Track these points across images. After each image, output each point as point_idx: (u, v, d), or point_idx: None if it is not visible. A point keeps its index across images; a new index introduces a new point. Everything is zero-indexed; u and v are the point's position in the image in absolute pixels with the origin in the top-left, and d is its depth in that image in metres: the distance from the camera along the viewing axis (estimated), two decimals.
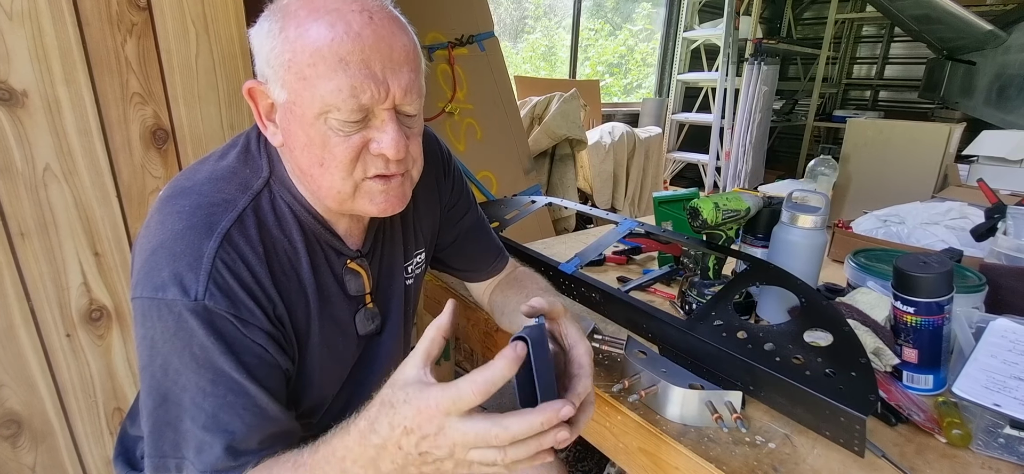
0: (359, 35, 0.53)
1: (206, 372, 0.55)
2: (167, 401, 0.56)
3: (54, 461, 1.05)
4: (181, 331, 0.54)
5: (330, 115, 0.55)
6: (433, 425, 0.45)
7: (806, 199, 0.91)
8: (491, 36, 2.48)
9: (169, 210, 0.58)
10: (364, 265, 0.72)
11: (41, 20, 0.90)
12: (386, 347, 0.78)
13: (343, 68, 0.53)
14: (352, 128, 0.56)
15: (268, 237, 0.61)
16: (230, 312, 0.55)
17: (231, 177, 0.62)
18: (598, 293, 0.94)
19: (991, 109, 3.47)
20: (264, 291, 0.59)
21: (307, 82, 0.54)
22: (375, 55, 0.54)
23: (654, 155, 3.70)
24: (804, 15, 5.65)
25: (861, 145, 2.87)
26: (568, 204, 1.49)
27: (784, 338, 0.70)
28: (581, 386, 0.55)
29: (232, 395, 0.55)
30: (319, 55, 0.53)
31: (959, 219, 1.29)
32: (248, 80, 0.59)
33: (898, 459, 0.63)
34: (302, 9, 0.54)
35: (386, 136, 0.57)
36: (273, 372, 0.60)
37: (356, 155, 0.58)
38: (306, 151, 0.58)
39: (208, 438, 0.55)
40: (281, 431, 0.60)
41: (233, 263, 0.56)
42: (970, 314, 0.80)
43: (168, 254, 0.54)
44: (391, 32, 0.56)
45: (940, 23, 3.49)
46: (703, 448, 0.65)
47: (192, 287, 0.54)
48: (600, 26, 4.76)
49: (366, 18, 0.54)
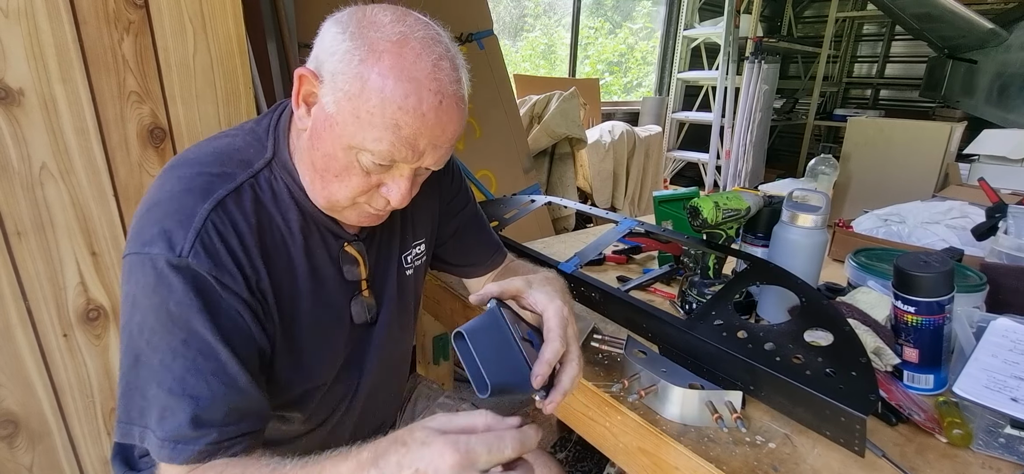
0: (424, 115, 0.57)
1: (179, 331, 0.54)
2: (138, 362, 0.56)
3: (51, 461, 1.05)
4: (161, 286, 0.54)
5: (362, 154, 0.59)
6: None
7: (806, 198, 0.90)
8: (490, 34, 2.47)
9: (170, 176, 0.60)
10: (361, 250, 0.74)
11: (37, 18, 0.90)
12: (380, 337, 0.79)
13: (395, 131, 0.57)
14: (376, 169, 0.60)
15: (263, 212, 0.63)
16: (211, 273, 0.56)
17: (234, 154, 0.64)
18: (598, 292, 0.93)
19: (992, 108, 3.47)
20: (250, 261, 0.60)
21: (359, 121, 0.57)
22: (426, 135, 0.58)
23: (654, 154, 3.70)
24: (805, 13, 5.64)
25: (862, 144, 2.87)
26: (567, 203, 1.48)
27: (784, 338, 0.70)
28: (549, 351, 0.56)
29: (202, 357, 0.55)
30: (380, 110, 0.56)
31: (960, 218, 1.28)
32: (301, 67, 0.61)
33: (898, 459, 0.63)
34: (388, 56, 0.56)
35: (397, 189, 0.63)
36: (247, 342, 0.59)
37: (366, 190, 0.63)
38: (327, 160, 0.61)
39: (172, 403, 0.54)
40: (248, 407, 0.58)
41: (223, 227, 0.58)
42: (971, 313, 0.80)
43: (162, 211, 0.57)
44: (450, 118, 0.60)
45: (941, 21, 3.49)
46: (703, 448, 0.64)
47: (178, 243, 0.55)
48: (600, 24, 4.75)
49: (436, 101, 0.57)
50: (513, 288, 0.63)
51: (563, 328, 0.59)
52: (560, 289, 0.67)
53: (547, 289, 0.63)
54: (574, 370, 0.59)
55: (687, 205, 0.95)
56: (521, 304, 0.64)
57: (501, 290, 0.62)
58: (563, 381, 0.58)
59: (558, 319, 0.59)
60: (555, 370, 0.59)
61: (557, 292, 0.64)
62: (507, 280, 0.64)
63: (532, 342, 0.60)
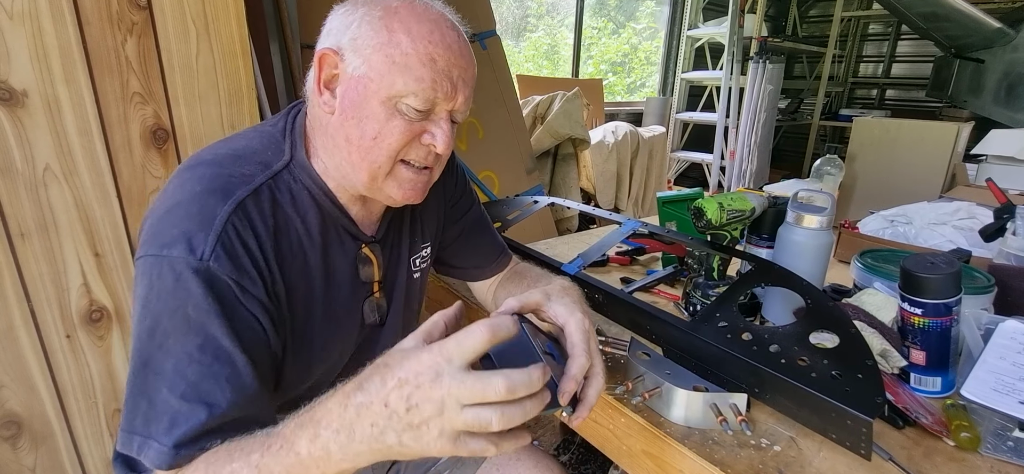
0: (450, 47, 0.62)
1: (195, 336, 0.54)
2: (148, 367, 0.54)
3: (54, 462, 1.05)
4: (179, 290, 0.53)
5: (403, 100, 0.61)
6: (430, 372, 0.42)
7: (812, 199, 0.90)
8: (493, 35, 2.47)
9: (188, 176, 0.60)
10: (376, 252, 0.75)
11: (41, 20, 0.90)
12: (386, 338, 0.79)
13: (431, 65, 0.61)
14: (417, 116, 0.62)
15: (281, 214, 0.63)
16: (232, 277, 0.56)
17: (251, 156, 0.64)
18: (601, 294, 0.93)
19: (1000, 108, 3.45)
20: (268, 264, 0.60)
21: (395, 66, 0.60)
22: (456, 66, 0.63)
23: (658, 155, 3.69)
24: (809, 13, 5.62)
25: (867, 144, 2.85)
26: (571, 204, 1.48)
27: (789, 340, 0.69)
28: (575, 367, 0.55)
29: (218, 363, 0.54)
30: (414, 48, 0.60)
31: (967, 219, 1.27)
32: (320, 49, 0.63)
33: (905, 462, 0.62)
34: (404, 9, 0.61)
35: (441, 132, 0.64)
36: (262, 347, 0.59)
37: (409, 140, 0.64)
38: (363, 124, 0.62)
39: (185, 409, 0.53)
40: (256, 415, 0.57)
41: (243, 230, 0.58)
42: (979, 315, 0.79)
43: (183, 213, 0.56)
44: (470, 55, 0.66)
45: (948, 20, 3.47)
46: (707, 451, 0.64)
47: (199, 246, 0.54)
48: (603, 24, 4.74)
49: (456, 35, 0.64)
50: (533, 301, 0.61)
51: (587, 342, 0.57)
52: (578, 299, 0.65)
53: (566, 301, 0.61)
54: (599, 383, 0.57)
55: (691, 206, 0.95)
56: (540, 317, 0.63)
57: (521, 304, 0.60)
58: (590, 396, 0.56)
59: (581, 334, 0.58)
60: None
61: (576, 303, 0.62)
62: (526, 293, 0.62)
63: (553, 355, 0.58)
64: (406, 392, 0.43)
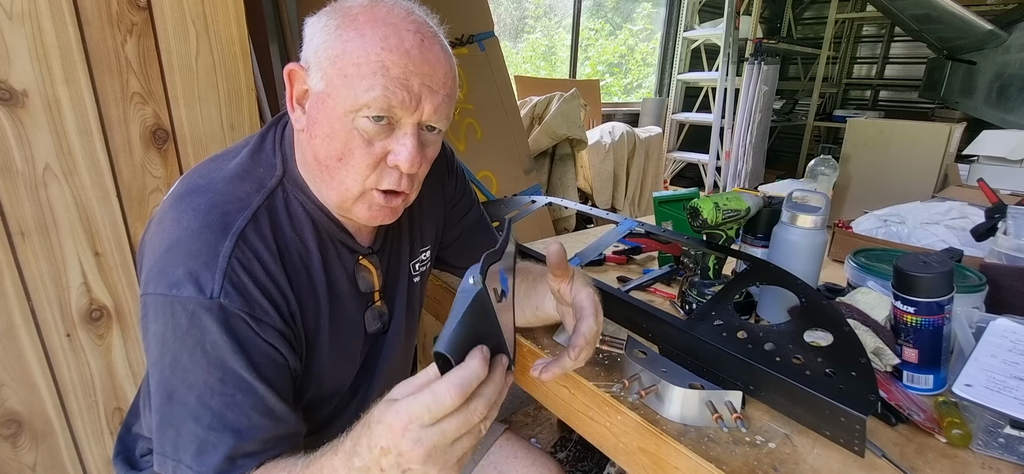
0: (407, 52, 0.57)
1: (215, 370, 0.55)
2: (172, 399, 0.56)
3: (54, 461, 1.05)
4: (194, 329, 0.54)
5: (359, 114, 0.57)
6: (408, 440, 0.42)
7: (806, 199, 0.90)
8: (491, 36, 2.48)
9: (184, 208, 0.58)
10: (375, 262, 0.74)
11: (41, 20, 0.90)
12: (391, 344, 0.79)
13: (383, 73, 0.56)
14: (376, 132, 0.58)
15: (281, 236, 0.62)
16: (244, 310, 0.56)
17: (245, 176, 0.63)
18: (598, 293, 0.94)
19: (991, 109, 3.47)
20: (279, 288, 0.60)
21: (347, 79, 0.56)
22: (415, 73, 0.57)
23: (654, 155, 3.70)
24: (804, 15, 5.64)
25: (861, 145, 2.86)
26: (568, 204, 1.49)
27: (784, 338, 0.70)
28: (584, 326, 0.61)
29: (241, 394, 0.56)
30: (365, 57, 0.56)
31: (959, 219, 1.28)
32: (289, 65, 0.62)
33: (898, 459, 0.63)
34: (362, 15, 0.57)
35: (404, 149, 0.59)
36: (282, 372, 0.60)
37: (374, 164, 0.60)
38: (327, 142, 0.59)
39: (212, 437, 0.55)
40: (286, 433, 0.60)
41: (248, 262, 0.57)
42: (970, 314, 0.80)
43: (184, 252, 0.55)
44: (436, 57, 0.59)
45: (940, 23, 3.49)
46: (703, 448, 0.65)
47: (208, 285, 0.54)
48: (600, 26, 4.75)
49: (418, 39, 0.58)
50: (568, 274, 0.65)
51: (595, 307, 0.63)
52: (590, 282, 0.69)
53: (580, 282, 0.67)
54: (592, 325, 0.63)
55: (687, 206, 0.95)
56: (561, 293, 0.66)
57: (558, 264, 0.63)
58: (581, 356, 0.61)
59: (591, 301, 0.63)
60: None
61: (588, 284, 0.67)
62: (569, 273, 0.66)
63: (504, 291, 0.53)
64: (392, 459, 0.44)
